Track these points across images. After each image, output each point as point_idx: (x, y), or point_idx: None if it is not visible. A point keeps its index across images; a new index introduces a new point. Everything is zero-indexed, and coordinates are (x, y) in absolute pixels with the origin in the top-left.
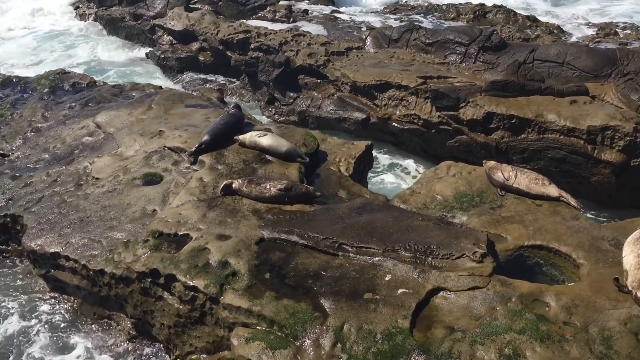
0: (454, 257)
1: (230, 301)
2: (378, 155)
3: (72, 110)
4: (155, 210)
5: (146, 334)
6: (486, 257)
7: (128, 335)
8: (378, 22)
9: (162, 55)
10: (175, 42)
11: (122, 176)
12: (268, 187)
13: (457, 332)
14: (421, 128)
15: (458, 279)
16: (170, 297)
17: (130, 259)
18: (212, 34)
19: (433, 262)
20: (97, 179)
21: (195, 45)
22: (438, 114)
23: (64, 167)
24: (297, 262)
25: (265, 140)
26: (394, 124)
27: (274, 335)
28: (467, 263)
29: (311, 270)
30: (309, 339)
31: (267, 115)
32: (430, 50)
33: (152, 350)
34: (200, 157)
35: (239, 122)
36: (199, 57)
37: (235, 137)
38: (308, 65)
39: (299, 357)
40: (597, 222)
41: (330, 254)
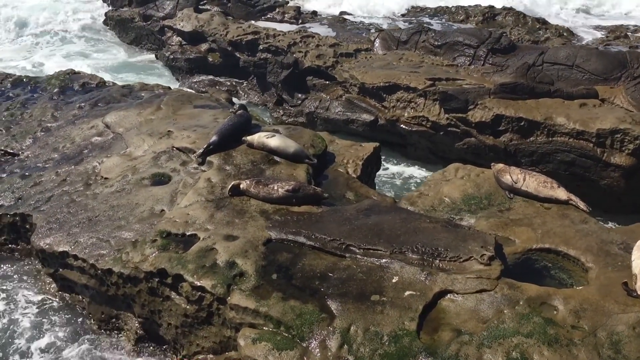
0: (461, 260)
1: (238, 302)
2: (386, 157)
3: (81, 110)
4: (163, 210)
5: (153, 333)
6: (494, 260)
7: (135, 335)
8: (386, 24)
9: (172, 56)
10: (185, 43)
11: (130, 176)
12: (276, 188)
13: (464, 335)
14: (429, 130)
15: (465, 281)
16: (177, 297)
17: (138, 258)
18: (221, 35)
19: (440, 265)
20: (105, 178)
21: (204, 46)
22: (446, 116)
23: (73, 167)
24: (304, 263)
25: (274, 141)
26: (402, 125)
27: (280, 336)
28: (474, 266)
29: (318, 272)
30: (315, 340)
31: (276, 116)
32: (439, 52)
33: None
34: (208, 158)
35: (247, 123)
36: (208, 58)
37: (243, 138)
38: (316, 67)
39: (305, 358)
40: (606, 225)
41: (338, 256)
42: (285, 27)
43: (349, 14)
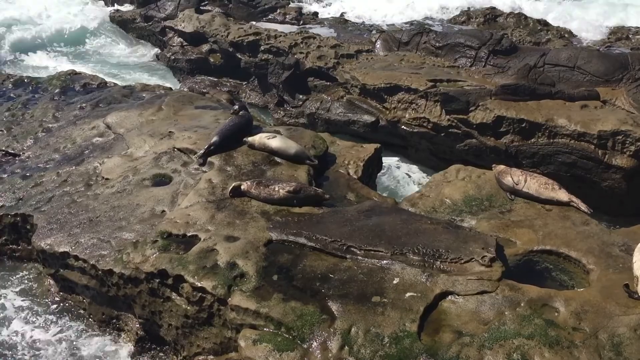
0: (462, 261)
1: (238, 302)
2: (387, 158)
3: (82, 111)
4: (164, 211)
5: (154, 334)
6: (495, 262)
7: (135, 336)
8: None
9: (173, 57)
10: (186, 43)
11: (131, 177)
12: (277, 189)
13: (465, 336)
14: (430, 131)
15: (466, 283)
16: (178, 298)
17: (139, 259)
18: (222, 35)
19: (441, 266)
20: (106, 179)
21: (205, 47)
22: (448, 117)
23: (74, 167)
24: (305, 264)
25: (275, 142)
26: (403, 127)
27: (281, 337)
28: (475, 267)
29: (319, 273)
30: (316, 341)
31: (277, 117)
32: (440, 53)
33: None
34: (209, 159)
35: (248, 124)
36: (209, 59)
37: (244, 139)
38: (317, 68)
39: None
40: (607, 227)
41: (339, 257)
42: (287, 28)
43: (350, 14)
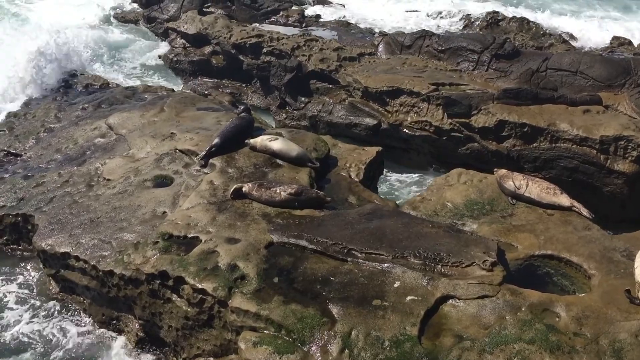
0: (463, 265)
1: (239, 305)
2: (388, 161)
3: (84, 112)
4: (165, 212)
5: (154, 336)
6: (496, 266)
7: (136, 337)
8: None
9: (175, 58)
10: (188, 45)
11: (133, 178)
12: (278, 191)
13: (465, 340)
14: (432, 135)
15: (467, 287)
16: (178, 299)
17: (139, 260)
18: (225, 37)
19: (442, 270)
20: (108, 180)
21: (208, 49)
22: (450, 121)
23: (75, 168)
24: (305, 267)
25: (276, 145)
26: (405, 130)
27: (281, 339)
28: (477, 271)
29: (320, 276)
30: (316, 344)
31: (279, 119)
32: (442, 57)
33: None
34: (211, 160)
35: (250, 126)
36: (211, 61)
37: (246, 141)
38: (320, 70)
39: None
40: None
41: (339, 260)
42: (289, 31)
43: (353, 17)
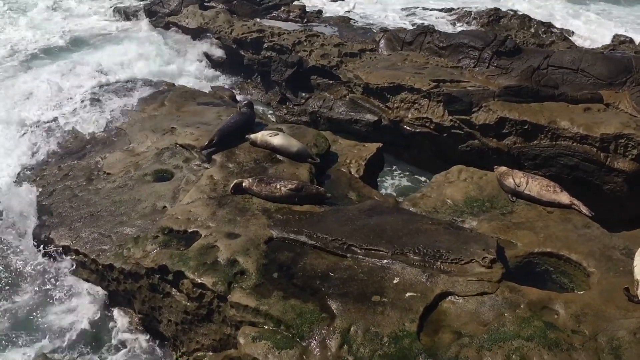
0: (463, 262)
1: (238, 299)
2: (388, 158)
3: None
4: (165, 206)
5: (153, 330)
6: (495, 263)
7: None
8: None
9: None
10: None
11: (133, 172)
12: (278, 186)
13: (464, 337)
14: (433, 131)
15: (467, 284)
16: (178, 293)
17: (139, 254)
18: (226, 32)
19: (442, 267)
20: (108, 174)
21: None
22: (450, 117)
23: (76, 162)
24: (305, 263)
25: (277, 140)
26: (405, 126)
27: (280, 334)
28: (476, 268)
29: (319, 271)
30: (315, 339)
31: (279, 114)
32: (443, 53)
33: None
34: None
35: (250, 121)
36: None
37: (246, 136)
38: (321, 66)
39: (305, 358)
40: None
41: (339, 255)
42: (290, 26)
43: (354, 13)
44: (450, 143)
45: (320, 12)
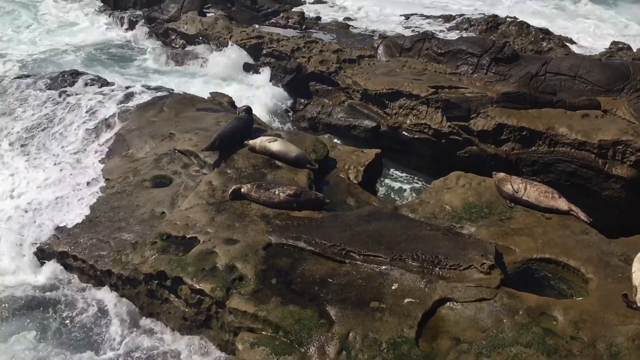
0: (461, 268)
1: (236, 305)
2: (387, 164)
3: None
4: (163, 212)
5: None
6: (494, 269)
7: None
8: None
9: None
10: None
11: (132, 178)
12: (277, 192)
13: (463, 343)
14: (431, 138)
15: (465, 290)
16: (176, 299)
17: (137, 260)
18: (225, 38)
19: (440, 273)
20: (107, 179)
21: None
22: (449, 124)
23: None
24: (304, 269)
25: (275, 146)
26: (404, 132)
27: (279, 341)
28: (474, 274)
29: (318, 277)
30: (314, 345)
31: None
32: (442, 60)
33: None
34: (209, 161)
35: (248, 126)
36: None
37: (245, 142)
38: (319, 72)
39: None
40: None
41: (338, 261)
42: (289, 32)
43: (352, 19)
44: (448, 149)
45: (318, 18)
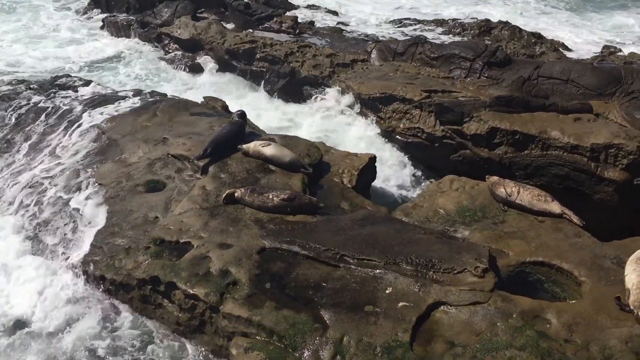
0: (455, 272)
1: (230, 310)
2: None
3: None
4: (157, 217)
5: None
6: (488, 273)
7: None
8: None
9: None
10: (182, 50)
11: (125, 182)
12: (271, 197)
13: (457, 347)
14: (425, 141)
15: (459, 293)
16: (170, 304)
17: (131, 265)
18: (218, 43)
19: (434, 276)
20: (100, 184)
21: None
22: (442, 127)
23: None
24: (298, 273)
25: (269, 150)
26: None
27: (273, 345)
28: (468, 278)
29: (312, 281)
30: (308, 350)
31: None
32: (435, 64)
33: None
34: (202, 165)
35: (241, 131)
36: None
37: (239, 146)
38: (313, 77)
39: None
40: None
41: (332, 265)
42: (283, 37)
43: (346, 24)
44: (442, 153)
45: (312, 23)
